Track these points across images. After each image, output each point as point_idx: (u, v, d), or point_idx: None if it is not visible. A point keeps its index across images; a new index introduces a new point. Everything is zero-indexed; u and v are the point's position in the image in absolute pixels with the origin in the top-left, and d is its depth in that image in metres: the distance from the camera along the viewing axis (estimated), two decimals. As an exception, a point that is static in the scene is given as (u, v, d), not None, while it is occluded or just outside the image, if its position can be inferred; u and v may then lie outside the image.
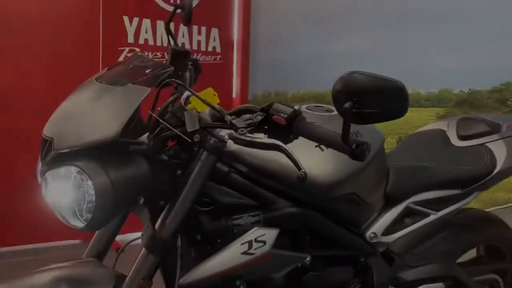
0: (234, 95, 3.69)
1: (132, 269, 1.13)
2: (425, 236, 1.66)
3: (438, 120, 2.07)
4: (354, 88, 0.86)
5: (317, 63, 3.35)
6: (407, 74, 1.94)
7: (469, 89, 2.38)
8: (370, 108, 0.85)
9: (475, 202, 1.75)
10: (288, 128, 1.00)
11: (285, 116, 0.99)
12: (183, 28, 3.33)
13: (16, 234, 3.00)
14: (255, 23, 3.72)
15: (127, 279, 1.13)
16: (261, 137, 1.02)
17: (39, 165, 1.09)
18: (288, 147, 1.00)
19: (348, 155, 0.94)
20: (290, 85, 3.46)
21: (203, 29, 3.49)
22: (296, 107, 1.01)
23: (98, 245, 1.30)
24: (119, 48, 3.16)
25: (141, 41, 3.20)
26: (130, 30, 3.18)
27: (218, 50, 3.62)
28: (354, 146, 0.90)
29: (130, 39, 3.18)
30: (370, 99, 0.84)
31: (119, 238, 1.33)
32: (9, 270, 1.12)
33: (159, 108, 1.19)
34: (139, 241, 1.15)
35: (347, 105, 0.84)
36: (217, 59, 3.61)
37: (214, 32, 3.55)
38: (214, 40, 3.57)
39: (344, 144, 0.91)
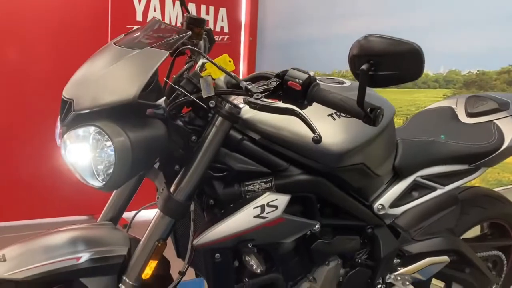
0: (240, 76, 3.70)
1: (147, 230, 1.17)
2: (430, 212, 1.69)
3: (447, 98, 2.08)
4: (370, 50, 0.87)
5: (325, 45, 3.35)
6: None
7: (478, 70, 2.39)
8: (386, 70, 0.86)
9: (480, 182, 1.78)
10: (303, 94, 1.01)
11: (300, 81, 1.01)
12: (191, 7, 3.33)
13: (25, 209, 3.05)
14: (263, 4, 3.72)
15: (142, 240, 1.17)
16: (276, 103, 1.03)
17: (58, 127, 1.11)
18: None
19: (362, 120, 0.96)
20: (297, 66, 3.44)
21: (211, 8, 3.50)
22: (312, 73, 1.02)
23: (113, 210, 1.33)
24: (128, 27, 3.17)
25: (149, 19, 3.21)
26: (139, 9, 3.20)
27: (226, 30, 3.63)
28: (368, 110, 0.92)
29: (139, 17, 3.20)
30: (386, 61, 0.86)
31: (125, 215, 1.36)
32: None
33: (174, 76, 1.21)
34: (145, 217, 1.17)
35: (363, 67, 0.86)
36: (225, 39, 3.62)
37: (222, 12, 3.56)
38: (222, 20, 3.58)
39: (359, 108, 0.93)
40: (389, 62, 0.86)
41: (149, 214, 1.22)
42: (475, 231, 1.89)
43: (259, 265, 1.14)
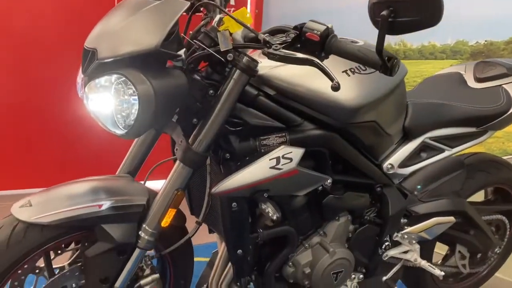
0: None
1: (167, 180, 1.21)
2: (437, 175, 1.72)
3: (456, 64, 2.10)
4: None
5: (330, 17, 3.34)
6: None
7: (485, 41, 2.40)
8: (406, 16, 0.88)
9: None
10: (321, 45, 1.04)
11: (319, 33, 1.04)
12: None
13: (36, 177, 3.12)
14: (270, -24, 3.69)
15: (161, 189, 1.20)
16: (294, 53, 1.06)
17: (80, 78, 1.14)
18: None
19: (378, 70, 0.99)
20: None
21: (218, -20, 3.48)
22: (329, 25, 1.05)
23: (131, 164, 1.37)
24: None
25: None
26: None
27: (232, 3, 3.61)
28: (386, 59, 0.95)
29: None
30: (406, 7, 0.88)
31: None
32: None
33: (191, 32, 1.24)
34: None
35: (383, 13, 0.88)
36: (231, 11, 3.61)
37: (229, -16, 3.54)
38: (229, -7, 3.56)
39: (376, 57, 0.95)
40: (409, 7, 0.88)
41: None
42: (479, 197, 1.93)
43: (275, 212, 1.18)
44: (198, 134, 1.17)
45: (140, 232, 1.19)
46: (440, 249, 1.85)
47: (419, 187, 1.67)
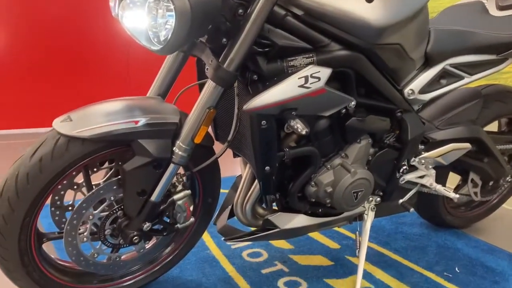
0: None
1: (199, 99, 1.25)
2: (454, 104, 1.76)
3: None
4: None
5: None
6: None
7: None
8: None
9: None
10: None
11: None
12: None
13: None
14: None
15: (194, 108, 1.25)
16: None
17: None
18: None
19: None
20: None
21: None
22: None
23: (160, 86, 1.41)
24: None
25: None
26: None
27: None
28: None
29: None
30: None
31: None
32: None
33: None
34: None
35: None
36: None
37: None
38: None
39: None
40: None
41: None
42: (493, 128, 1.97)
43: (304, 128, 1.23)
44: (229, 53, 1.20)
45: (174, 148, 1.25)
46: (451, 183, 1.92)
47: (436, 116, 1.71)
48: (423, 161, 1.63)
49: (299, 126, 1.22)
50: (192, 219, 1.41)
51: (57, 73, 3.48)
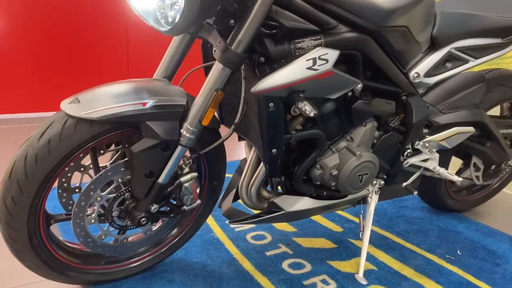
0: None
1: (206, 81, 1.25)
2: (457, 88, 1.76)
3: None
4: None
5: None
6: None
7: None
8: None
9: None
10: None
11: None
12: None
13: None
14: None
15: (201, 90, 1.25)
16: None
17: None
18: None
19: None
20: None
21: None
22: None
23: (166, 68, 1.41)
24: None
25: None
26: None
27: None
28: None
29: None
30: None
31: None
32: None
33: None
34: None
35: None
36: None
37: None
38: None
39: None
40: None
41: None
42: (495, 113, 1.98)
43: (312, 109, 1.23)
44: (237, 35, 1.20)
45: (182, 130, 1.26)
46: (452, 168, 1.93)
47: (440, 100, 1.72)
48: (427, 144, 1.64)
49: (308, 108, 1.22)
50: (198, 201, 1.42)
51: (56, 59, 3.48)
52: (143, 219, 1.32)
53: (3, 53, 3.31)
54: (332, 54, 1.25)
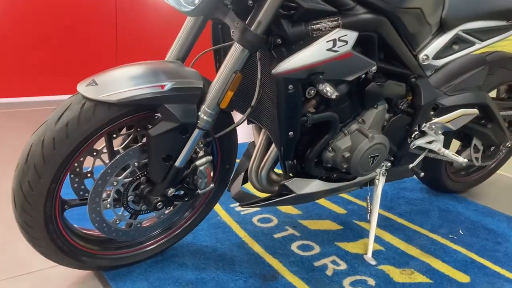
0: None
1: (224, 63, 1.23)
2: (460, 71, 1.78)
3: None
4: None
5: None
6: None
7: None
8: None
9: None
10: None
11: None
12: None
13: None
14: None
15: (219, 72, 1.24)
16: None
17: None
18: None
19: None
20: None
21: None
22: None
23: (179, 50, 1.39)
24: None
25: None
26: None
27: None
28: None
29: None
30: None
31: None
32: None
33: None
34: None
35: None
36: None
37: None
38: None
39: None
40: None
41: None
42: (492, 95, 2.01)
43: (334, 91, 1.23)
44: (256, 16, 1.18)
45: (199, 113, 1.24)
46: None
47: (443, 82, 1.74)
48: (433, 126, 1.66)
49: (329, 90, 1.22)
50: (212, 185, 1.41)
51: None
52: (159, 203, 1.31)
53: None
54: (351, 36, 1.24)
